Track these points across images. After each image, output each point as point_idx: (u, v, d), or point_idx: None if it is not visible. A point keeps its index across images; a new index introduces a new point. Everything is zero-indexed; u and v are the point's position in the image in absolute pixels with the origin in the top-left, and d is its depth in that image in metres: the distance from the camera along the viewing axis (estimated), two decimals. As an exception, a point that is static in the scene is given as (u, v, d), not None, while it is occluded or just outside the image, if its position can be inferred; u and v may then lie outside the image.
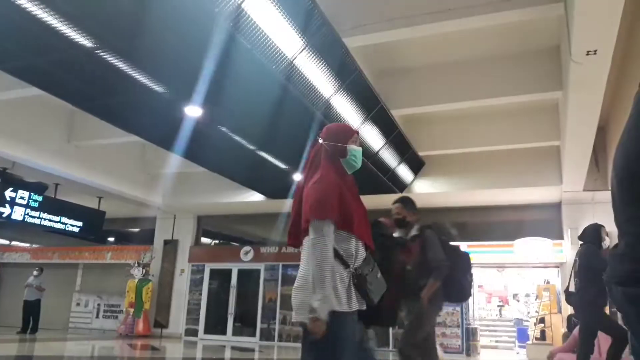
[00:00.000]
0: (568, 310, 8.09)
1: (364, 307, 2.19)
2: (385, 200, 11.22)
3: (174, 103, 6.35)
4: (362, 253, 2.22)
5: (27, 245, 17.97)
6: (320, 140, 2.38)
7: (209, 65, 5.13)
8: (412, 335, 4.08)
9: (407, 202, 4.42)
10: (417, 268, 4.05)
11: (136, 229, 16.82)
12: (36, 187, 11.18)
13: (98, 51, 5.16)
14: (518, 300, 14.44)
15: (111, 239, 16.93)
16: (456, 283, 4.15)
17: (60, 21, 4.68)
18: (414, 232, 4.26)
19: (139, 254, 14.89)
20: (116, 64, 5.38)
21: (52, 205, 11.63)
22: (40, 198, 11.15)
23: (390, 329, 11.47)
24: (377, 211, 12.30)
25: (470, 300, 12.08)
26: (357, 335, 2.16)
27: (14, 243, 18.28)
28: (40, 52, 5.33)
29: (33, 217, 11.02)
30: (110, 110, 6.87)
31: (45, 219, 11.35)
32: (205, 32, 4.66)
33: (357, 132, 2.47)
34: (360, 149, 2.40)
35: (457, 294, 4.29)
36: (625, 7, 4.47)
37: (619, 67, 6.53)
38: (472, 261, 4.46)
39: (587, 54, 5.11)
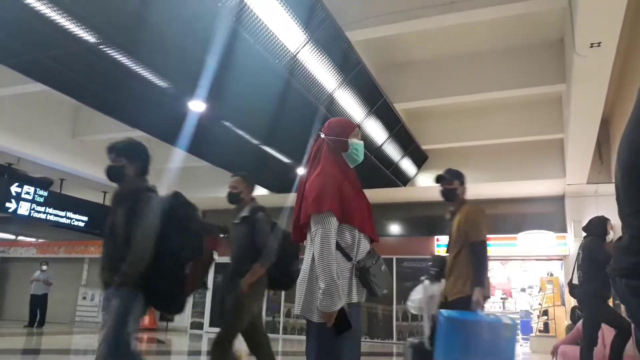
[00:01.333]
0: (571, 302, 8.11)
1: (363, 300, 2.21)
2: (388, 194, 11.32)
3: (178, 98, 6.36)
4: (365, 246, 2.23)
5: (33, 240, 18.07)
6: (322, 135, 2.39)
7: (212, 60, 5.13)
8: (230, 327, 3.79)
9: (248, 178, 4.11)
10: (242, 252, 3.84)
11: (141, 224, 16.85)
12: (41, 183, 11.24)
13: (101, 46, 5.17)
14: (529, 294, 14.43)
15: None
16: (282, 271, 3.91)
17: (64, 17, 4.69)
18: (244, 212, 3.94)
19: (144, 248, 14.94)
20: (120, 59, 5.39)
21: (58, 200, 11.68)
22: (45, 193, 11.20)
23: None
24: (381, 205, 12.37)
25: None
26: (360, 325, 2.18)
27: (20, 238, 18.39)
28: (44, 48, 5.35)
29: (39, 212, 11.08)
30: (114, 105, 6.89)
31: (51, 214, 11.41)
32: (208, 27, 4.67)
33: (358, 126, 2.49)
34: (361, 142, 2.42)
35: (282, 283, 4.03)
36: (630, -1, 4.46)
37: (623, 59, 6.51)
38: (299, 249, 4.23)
39: (591, 46, 5.10)
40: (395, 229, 13.81)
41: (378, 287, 2.20)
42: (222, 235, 3.79)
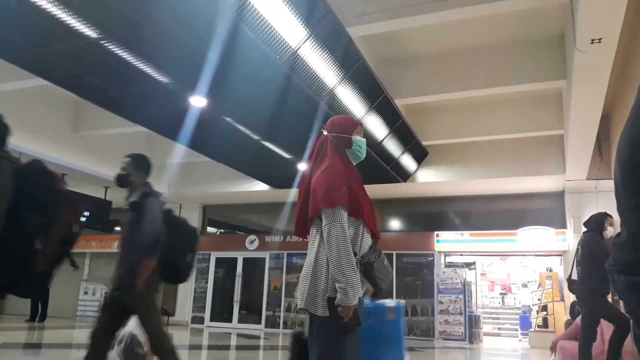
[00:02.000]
0: (570, 298, 8.15)
1: (361, 294, 2.23)
2: (389, 190, 11.32)
3: (179, 93, 6.37)
4: (368, 240, 2.26)
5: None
6: (325, 132, 2.41)
7: (213, 56, 5.14)
8: (152, 331, 3.49)
9: (139, 160, 3.74)
10: (129, 241, 3.52)
11: (142, 219, 16.90)
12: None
13: (103, 42, 5.18)
14: (531, 290, 14.48)
15: (118, 228, 17.03)
16: (173, 262, 3.59)
17: (65, 12, 4.70)
18: (134, 197, 3.60)
19: (145, 243, 15.00)
20: (121, 54, 5.40)
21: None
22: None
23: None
24: (381, 200, 12.37)
25: (473, 288, 12.17)
26: (363, 319, 2.19)
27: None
28: (45, 43, 5.35)
29: (40, 207, 11.08)
30: (116, 100, 6.90)
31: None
32: (210, 22, 4.67)
33: (361, 124, 2.52)
34: (364, 140, 2.45)
35: (172, 275, 3.68)
36: (631, -5, 4.46)
37: (624, 55, 6.51)
38: (198, 241, 3.86)
39: (592, 42, 5.10)
40: (395, 224, 13.84)
41: (382, 281, 2.23)
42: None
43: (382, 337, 3.60)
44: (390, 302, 3.79)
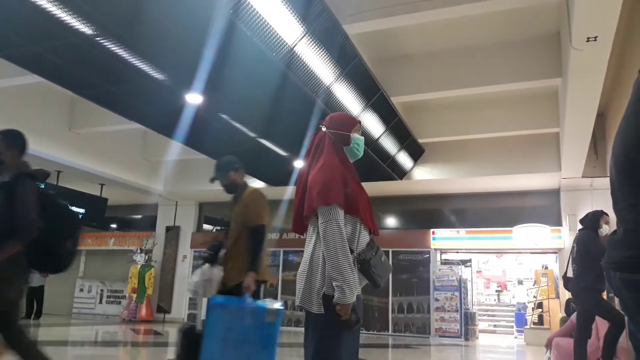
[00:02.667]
0: (566, 295, 8.17)
1: (359, 292, 2.23)
2: (385, 188, 11.33)
3: (175, 90, 6.35)
4: (365, 237, 2.25)
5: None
6: (324, 128, 2.41)
7: (209, 53, 5.12)
8: (7, 324, 3.15)
9: (9, 136, 3.40)
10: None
11: (138, 216, 16.89)
12: (38, 175, 11.20)
13: (98, 38, 5.15)
14: (527, 288, 14.53)
15: (114, 226, 17.00)
16: (49, 249, 3.31)
17: (60, 8, 4.67)
18: (5, 178, 3.30)
19: (141, 240, 15.00)
20: (116, 51, 5.38)
21: (55, 193, 11.64)
22: (42, 185, 11.15)
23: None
24: (378, 198, 12.37)
25: (469, 285, 12.21)
26: (360, 317, 2.19)
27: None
28: (41, 40, 5.33)
29: (35, 204, 11.06)
30: (111, 97, 6.87)
31: (47, 206, 11.38)
32: (206, 19, 4.66)
33: (360, 122, 2.51)
34: (362, 138, 2.45)
35: (48, 263, 3.42)
36: (626, -6, 4.47)
37: (619, 53, 6.53)
38: (79, 226, 3.70)
39: (588, 41, 5.11)
40: (391, 222, 13.85)
41: (380, 277, 2.23)
42: None
43: (257, 339, 3.52)
44: (271, 304, 3.71)
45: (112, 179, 11.79)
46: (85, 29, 4.98)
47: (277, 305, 3.73)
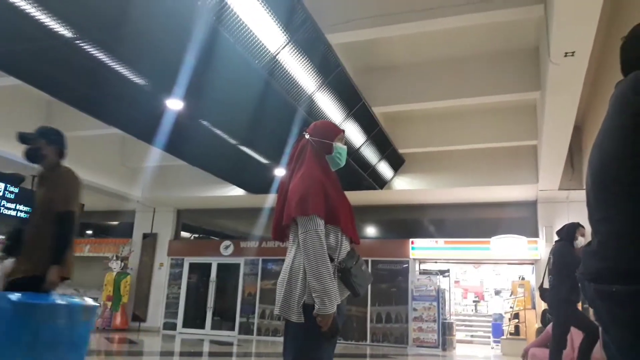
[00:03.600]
0: (542, 306, 8.27)
1: (339, 301, 2.21)
2: (365, 197, 11.37)
3: (155, 96, 6.29)
4: (346, 246, 2.25)
5: (2, 237, 17.61)
6: (307, 136, 2.40)
7: (191, 59, 5.09)
8: None
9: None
10: None
11: (115, 222, 16.63)
12: (12, 179, 10.97)
13: (78, 41, 5.09)
14: (504, 298, 14.66)
15: (89, 232, 16.71)
16: None
17: (39, 10, 4.61)
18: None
19: (118, 247, 14.76)
20: (96, 54, 5.32)
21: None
22: (16, 190, 10.94)
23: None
24: (358, 207, 12.39)
25: (447, 295, 12.28)
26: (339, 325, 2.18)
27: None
28: (18, 41, 5.23)
29: (9, 209, 10.82)
30: (90, 101, 6.78)
31: (22, 211, 11.14)
32: (188, 24, 4.63)
33: (344, 131, 2.51)
34: (345, 147, 2.45)
35: None
36: (603, 9, 4.58)
37: (596, 68, 6.68)
38: None
39: (565, 55, 5.22)
40: (371, 231, 13.88)
41: (360, 286, 2.22)
42: None
43: (69, 338, 3.13)
44: (85, 301, 3.34)
45: (88, 184, 11.58)
46: (64, 31, 4.92)
47: (91, 301, 3.38)
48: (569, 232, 5.14)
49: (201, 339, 12.49)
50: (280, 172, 8.73)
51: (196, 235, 15.72)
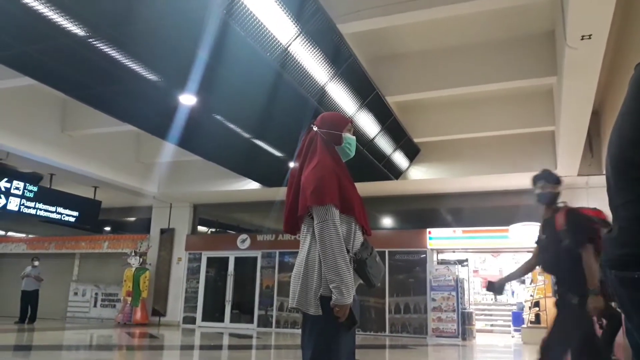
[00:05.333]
0: (562, 293, 8.16)
1: (354, 292, 2.21)
2: (381, 188, 11.33)
3: (168, 91, 6.32)
4: (360, 237, 2.24)
5: (23, 235, 17.94)
6: (315, 128, 2.39)
7: (203, 53, 5.10)
8: None
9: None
10: None
11: (132, 218, 16.84)
12: (31, 178, 11.16)
13: (91, 40, 5.12)
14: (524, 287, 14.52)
15: (107, 229, 16.94)
16: None
17: (53, 10, 4.64)
18: None
19: (136, 243, 14.94)
20: (109, 52, 5.35)
21: (48, 196, 11.60)
22: (35, 188, 11.12)
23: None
24: (373, 198, 12.33)
25: (465, 285, 12.22)
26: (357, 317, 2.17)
27: (10, 233, 18.26)
28: (33, 41, 5.29)
29: (29, 207, 11.01)
30: (104, 99, 6.84)
31: (41, 209, 11.34)
32: (199, 19, 4.63)
33: (352, 121, 2.50)
34: (354, 137, 2.43)
35: None
36: (620, -9, 4.47)
37: (614, 51, 6.54)
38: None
39: (582, 39, 5.11)
40: (387, 222, 13.84)
41: (375, 278, 2.21)
42: None
43: None
44: None
45: (105, 181, 11.73)
46: (77, 30, 4.95)
47: None
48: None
49: (220, 332, 12.62)
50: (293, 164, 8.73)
51: (213, 230, 15.85)
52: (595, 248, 3.38)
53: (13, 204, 10.65)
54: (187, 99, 6.51)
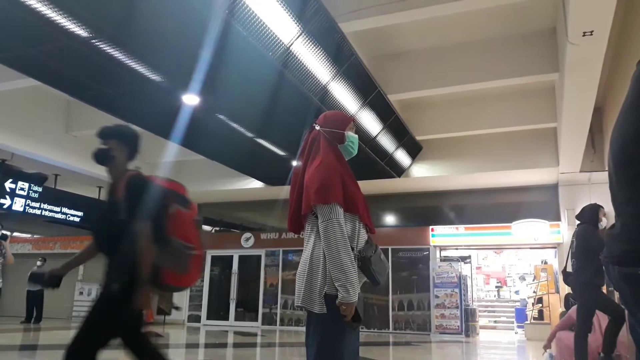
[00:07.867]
0: (565, 290, 8.18)
1: (359, 290, 2.22)
2: (383, 185, 11.34)
3: (172, 91, 6.35)
4: (364, 235, 2.25)
5: (28, 235, 18.00)
6: (317, 127, 2.40)
7: (205, 53, 5.12)
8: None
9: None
10: None
11: (136, 218, 16.85)
12: (36, 178, 11.18)
13: (94, 40, 5.14)
14: (527, 283, 14.54)
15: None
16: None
17: (55, 11, 4.66)
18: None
19: (140, 242, 14.95)
20: (112, 53, 5.37)
21: (53, 196, 11.64)
22: (40, 189, 11.15)
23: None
24: (376, 196, 12.35)
25: (469, 281, 12.23)
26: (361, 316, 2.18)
27: (15, 234, 18.31)
28: (36, 43, 5.31)
29: (34, 207, 11.04)
30: (107, 99, 6.86)
31: (46, 210, 11.37)
32: (201, 19, 4.65)
33: (354, 120, 2.50)
34: (356, 135, 2.44)
35: None
36: (621, -12, 4.47)
37: (615, 47, 6.53)
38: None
39: (584, 35, 5.11)
40: (390, 219, 13.85)
41: (380, 275, 2.23)
42: None
43: None
44: None
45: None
46: (80, 31, 4.97)
47: None
48: (592, 215, 5.05)
49: (225, 330, 12.66)
50: (296, 163, 8.76)
51: (217, 229, 15.87)
52: (155, 228, 2.74)
53: (18, 205, 10.68)
54: (190, 99, 6.53)
